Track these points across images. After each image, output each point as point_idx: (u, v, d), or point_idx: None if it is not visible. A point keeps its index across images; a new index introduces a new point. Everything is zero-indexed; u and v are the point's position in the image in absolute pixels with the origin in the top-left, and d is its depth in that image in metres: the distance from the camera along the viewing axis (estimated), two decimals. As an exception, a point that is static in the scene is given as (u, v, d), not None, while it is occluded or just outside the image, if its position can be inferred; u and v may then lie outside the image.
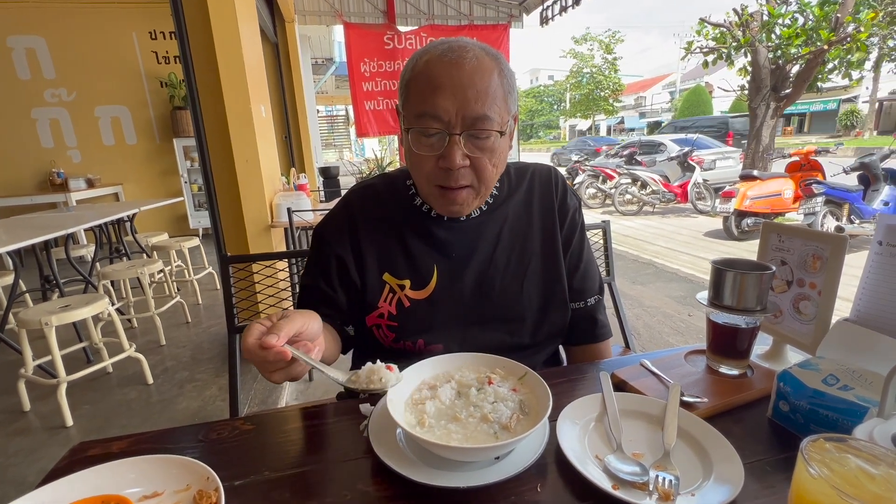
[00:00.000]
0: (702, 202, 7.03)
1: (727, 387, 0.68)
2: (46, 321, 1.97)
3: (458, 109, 0.70)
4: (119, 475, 0.52)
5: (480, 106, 0.70)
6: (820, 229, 4.00)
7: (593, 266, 0.93)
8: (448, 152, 0.72)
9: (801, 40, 6.84)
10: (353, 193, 0.89)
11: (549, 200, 0.89)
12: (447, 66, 0.70)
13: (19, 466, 1.81)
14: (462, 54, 0.71)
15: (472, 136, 0.72)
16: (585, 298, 0.91)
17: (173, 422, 2.08)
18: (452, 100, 0.70)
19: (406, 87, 0.75)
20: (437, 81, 0.70)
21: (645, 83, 45.70)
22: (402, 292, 0.83)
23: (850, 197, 4.67)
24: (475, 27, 4.67)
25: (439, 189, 0.77)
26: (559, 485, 0.51)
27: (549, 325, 0.86)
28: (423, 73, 0.72)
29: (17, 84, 5.49)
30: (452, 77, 0.70)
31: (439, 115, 0.70)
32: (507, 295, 0.84)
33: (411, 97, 0.74)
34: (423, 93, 0.71)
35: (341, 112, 17.81)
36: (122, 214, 3.43)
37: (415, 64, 0.75)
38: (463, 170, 0.74)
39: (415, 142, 0.74)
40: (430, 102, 0.70)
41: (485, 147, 0.73)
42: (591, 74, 29.45)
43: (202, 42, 2.23)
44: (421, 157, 0.74)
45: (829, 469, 0.36)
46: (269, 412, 0.69)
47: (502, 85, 0.73)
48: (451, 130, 0.71)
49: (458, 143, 0.71)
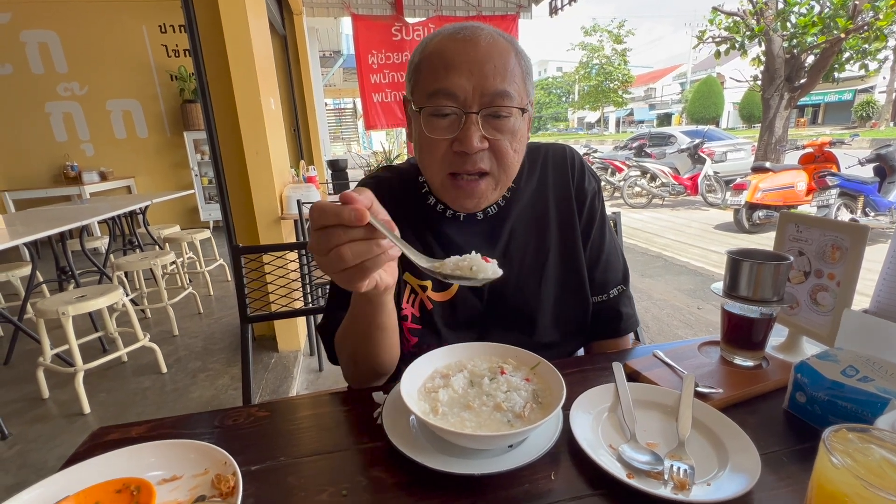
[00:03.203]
0: (712, 194, 6.94)
1: (742, 378, 0.67)
2: (63, 311, 2.01)
3: (475, 86, 0.64)
4: (139, 459, 0.53)
5: (500, 81, 0.64)
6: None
7: (615, 254, 0.86)
8: (464, 134, 0.65)
9: (818, 29, 6.68)
10: (366, 186, 0.81)
11: (564, 186, 0.82)
12: (461, 43, 0.65)
13: (39, 452, 1.86)
14: (476, 32, 0.66)
15: (491, 115, 0.66)
16: (608, 290, 0.84)
17: (187, 410, 2.12)
18: (468, 76, 0.64)
19: (415, 70, 0.70)
20: (450, 59, 0.65)
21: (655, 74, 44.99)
22: (424, 294, 0.78)
23: (866, 189, 4.58)
24: (483, 18, 4.62)
25: (453, 179, 0.69)
26: (573, 473, 0.51)
27: (569, 322, 0.81)
28: (434, 52, 0.67)
29: (31, 78, 5.56)
30: (468, 53, 0.64)
31: (454, 91, 0.64)
32: (525, 293, 0.79)
33: (422, 78, 0.68)
34: (435, 71, 0.66)
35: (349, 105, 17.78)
36: (134, 207, 3.47)
37: (425, 47, 0.69)
38: (481, 153, 0.67)
39: (426, 124, 0.67)
40: (443, 79, 0.64)
41: (505, 128, 0.67)
42: (600, 66, 29.06)
43: (212, 35, 2.23)
44: (433, 142, 0.67)
45: (853, 459, 0.35)
46: (283, 400, 0.69)
47: (520, 65, 0.68)
48: (468, 108, 0.65)
49: (476, 122, 0.65)
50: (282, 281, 1.27)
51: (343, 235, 0.46)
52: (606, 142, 22.48)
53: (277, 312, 1.23)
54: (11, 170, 5.66)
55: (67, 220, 2.64)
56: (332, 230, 0.46)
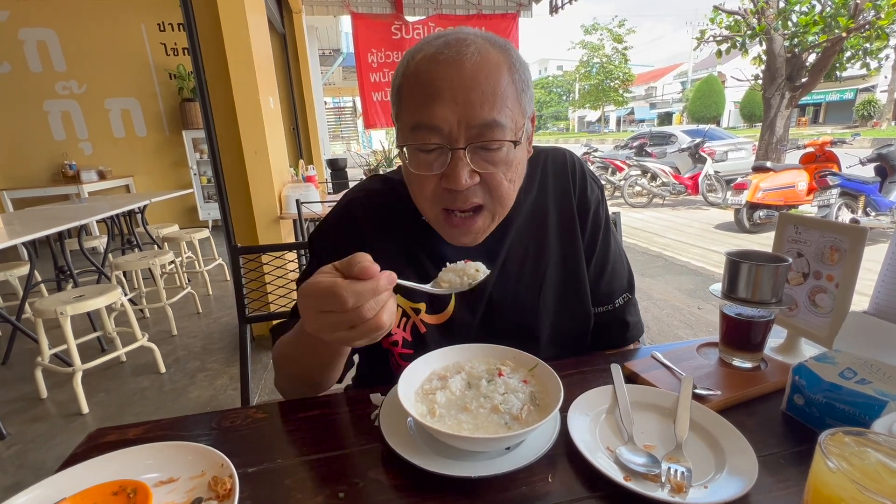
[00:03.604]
0: (713, 194, 6.94)
1: (740, 380, 0.67)
2: (61, 311, 2.01)
3: (460, 117, 0.58)
4: (136, 461, 0.53)
5: (488, 110, 0.58)
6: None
7: (621, 262, 0.83)
8: (451, 171, 0.60)
9: (819, 28, 6.67)
10: (355, 202, 0.76)
11: (565, 195, 0.78)
12: (444, 66, 0.58)
13: (37, 452, 1.86)
14: (461, 49, 0.58)
15: (479, 147, 0.60)
16: (614, 300, 0.81)
17: (186, 410, 2.12)
18: (452, 106, 0.58)
19: (398, 94, 0.64)
20: (432, 85, 0.58)
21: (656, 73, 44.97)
22: (418, 317, 0.74)
23: (867, 189, 4.58)
24: (484, 17, 4.61)
25: (446, 215, 0.65)
26: (570, 475, 0.51)
27: (567, 335, 0.79)
28: (415, 76, 0.61)
29: (30, 76, 5.55)
30: (451, 78, 0.58)
31: (437, 125, 0.58)
32: (522, 310, 0.75)
33: (404, 107, 0.63)
34: (416, 100, 0.60)
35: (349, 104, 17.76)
36: (133, 206, 3.47)
37: (406, 65, 0.62)
38: (472, 189, 0.62)
39: (412, 160, 0.62)
40: (425, 111, 0.59)
41: (497, 160, 0.61)
42: (600, 64, 29.02)
43: (211, 33, 2.23)
44: (421, 178, 0.62)
45: (849, 463, 0.35)
46: (281, 401, 0.69)
47: (514, 82, 0.61)
48: (454, 144, 0.59)
49: (463, 158, 0.59)
50: (280, 281, 1.27)
51: (374, 306, 0.48)
52: (607, 141, 22.46)
53: (276, 313, 1.23)
54: (9, 169, 5.66)
55: (66, 220, 2.64)
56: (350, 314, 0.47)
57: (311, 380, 0.69)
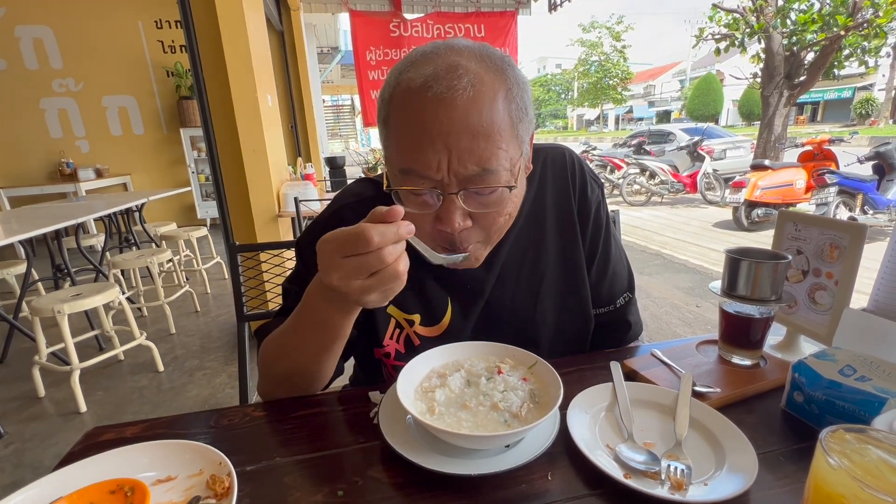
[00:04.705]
0: (711, 192, 6.95)
1: (740, 377, 0.67)
2: (59, 309, 2.00)
3: (450, 164, 0.55)
4: (133, 459, 0.52)
5: (479, 158, 0.55)
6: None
7: (621, 262, 0.82)
8: (444, 213, 0.58)
9: (818, 26, 6.67)
10: (347, 208, 0.73)
11: (565, 195, 0.76)
12: (433, 106, 0.54)
13: (35, 451, 1.86)
14: (452, 84, 0.53)
15: (474, 192, 0.58)
16: (615, 301, 0.81)
17: (184, 408, 2.12)
18: (444, 152, 0.54)
19: (384, 124, 0.60)
20: (420, 129, 0.54)
21: (654, 71, 44.96)
22: (412, 328, 0.72)
23: (864, 187, 4.59)
24: (482, 14, 4.58)
25: (445, 249, 0.63)
26: (570, 473, 0.51)
27: (567, 340, 0.78)
28: (402, 111, 0.57)
29: (26, 74, 5.52)
30: (440, 121, 0.53)
31: (428, 174, 0.55)
32: (520, 318, 0.74)
33: (391, 143, 0.59)
34: (404, 142, 0.57)
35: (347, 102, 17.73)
36: (131, 204, 3.46)
37: (392, 91, 0.58)
38: (466, 231, 0.60)
39: (405, 201, 0.60)
40: (414, 157, 0.55)
41: (490, 202, 0.59)
42: (599, 62, 29.00)
43: (208, 31, 2.21)
44: (414, 218, 0.58)
45: (850, 460, 0.35)
46: (280, 399, 0.69)
47: (509, 112, 0.57)
48: (446, 189, 0.56)
49: (456, 201, 0.57)
50: (279, 279, 1.27)
51: (394, 251, 0.49)
52: (605, 139, 22.46)
53: (275, 311, 1.22)
54: (6, 167, 5.63)
55: (63, 218, 2.63)
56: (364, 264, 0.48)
57: (306, 372, 0.65)
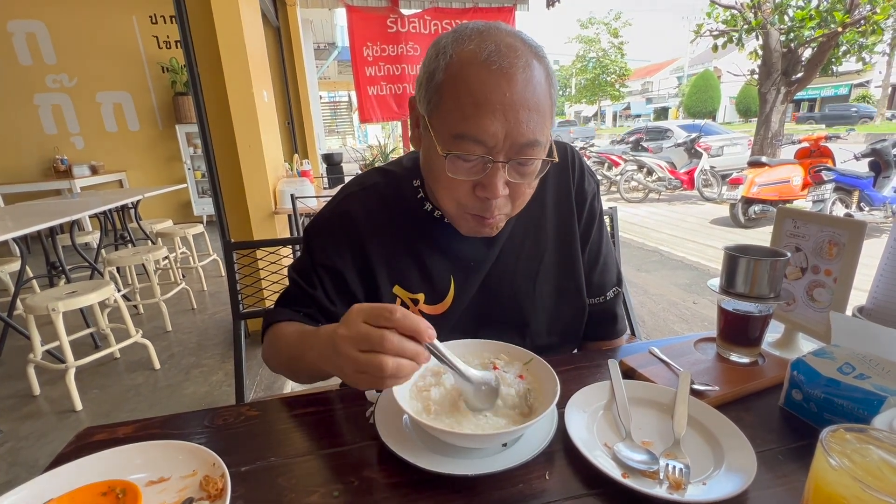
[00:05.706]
0: (708, 189, 6.95)
1: (738, 375, 0.67)
2: (53, 307, 1.99)
3: (507, 133, 0.58)
4: (125, 460, 0.52)
5: (532, 129, 0.59)
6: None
7: (612, 256, 0.86)
8: (489, 181, 0.61)
9: (815, 22, 6.67)
10: (352, 197, 0.76)
11: (564, 185, 0.80)
12: (496, 78, 0.57)
13: (30, 449, 1.85)
14: (513, 61, 0.57)
15: (517, 162, 0.61)
16: (605, 293, 0.84)
17: (180, 406, 2.11)
18: (503, 121, 0.57)
19: (437, 90, 0.61)
20: (483, 97, 0.57)
21: (652, 68, 44.91)
22: (416, 307, 0.74)
23: (861, 184, 4.60)
24: (480, 10, 4.56)
25: (472, 216, 0.67)
26: (568, 473, 0.51)
27: (564, 324, 0.81)
28: (462, 80, 0.58)
29: (19, 70, 5.45)
30: (503, 93, 0.57)
31: (485, 140, 0.58)
32: (518, 296, 0.77)
33: (445, 109, 0.60)
34: (463, 108, 0.58)
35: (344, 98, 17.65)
36: (126, 201, 3.43)
37: (449, 62, 0.60)
38: (503, 199, 0.64)
39: (450, 166, 0.62)
40: (473, 123, 0.58)
41: (527, 173, 0.63)
42: (597, 59, 28.93)
43: (203, 26, 2.19)
44: (453, 183, 0.63)
45: (850, 460, 0.35)
46: (275, 398, 0.68)
47: (551, 95, 0.62)
48: (496, 157, 0.60)
49: (502, 170, 0.60)
50: (275, 277, 1.26)
51: (396, 344, 0.48)
52: (603, 136, 22.45)
53: (271, 309, 1.21)
54: (0, 163, 5.57)
55: (58, 215, 2.60)
56: (388, 334, 0.48)
57: (307, 378, 0.72)
